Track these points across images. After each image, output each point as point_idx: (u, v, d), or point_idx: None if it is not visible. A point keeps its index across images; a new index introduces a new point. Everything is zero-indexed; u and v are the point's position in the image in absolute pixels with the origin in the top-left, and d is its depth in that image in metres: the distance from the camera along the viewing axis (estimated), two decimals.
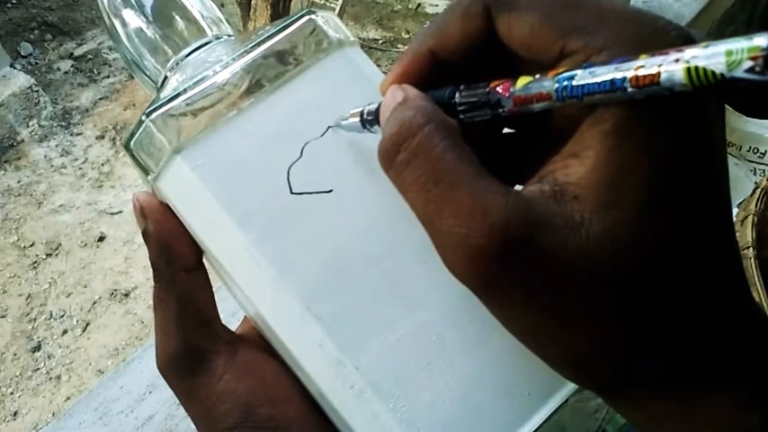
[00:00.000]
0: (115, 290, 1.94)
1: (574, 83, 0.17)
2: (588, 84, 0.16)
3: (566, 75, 0.17)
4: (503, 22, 0.19)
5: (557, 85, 0.17)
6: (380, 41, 2.67)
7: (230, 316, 0.27)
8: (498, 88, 0.19)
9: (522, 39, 0.19)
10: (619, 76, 0.16)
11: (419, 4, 2.87)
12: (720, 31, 1.03)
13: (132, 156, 0.25)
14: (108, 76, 2.63)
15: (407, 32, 2.73)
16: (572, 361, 0.19)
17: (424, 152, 0.18)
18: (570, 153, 0.18)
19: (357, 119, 0.23)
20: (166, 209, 0.25)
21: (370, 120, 0.23)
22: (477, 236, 0.17)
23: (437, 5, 2.87)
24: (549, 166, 0.19)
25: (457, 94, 0.20)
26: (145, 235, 0.25)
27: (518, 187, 0.19)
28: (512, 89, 0.18)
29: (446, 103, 0.20)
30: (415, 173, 0.18)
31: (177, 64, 0.28)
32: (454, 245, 0.18)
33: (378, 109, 0.22)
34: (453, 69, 0.21)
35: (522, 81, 0.18)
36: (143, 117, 0.24)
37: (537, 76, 0.18)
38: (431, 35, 0.21)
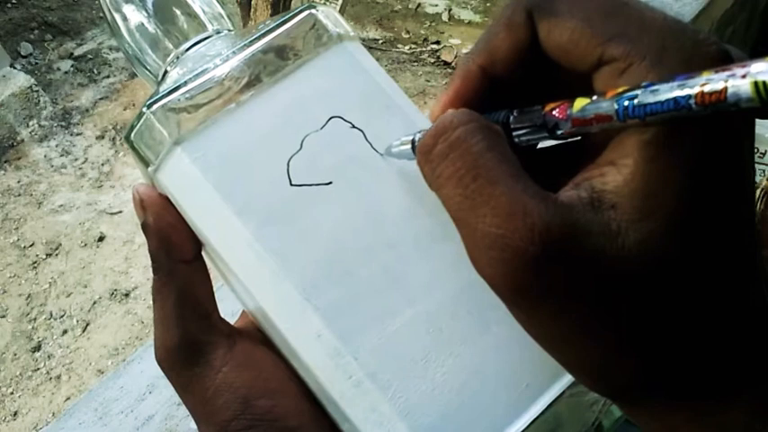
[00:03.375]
0: (115, 290, 1.94)
1: (636, 102, 0.16)
2: (651, 103, 0.16)
3: (626, 95, 0.17)
4: (543, 29, 0.19)
5: (616, 106, 0.17)
6: (380, 41, 2.67)
7: (229, 316, 0.27)
8: (555, 112, 0.18)
9: (561, 45, 0.19)
10: (683, 93, 0.15)
11: (419, 4, 2.88)
12: (720, 31, 1.03)
13: (133, 148, 0.25)
14: (108, 76, 2.63)
15: (407, 32, 2.73)
16: (593, 369, 0.19)
17: (464, 146, 0.18)
18: (607, 161, 0.18)
19: (408, 146, 0.23)
20: (166, 201, 0.25)
21: None
22: (514, 237, 0.17)
23: (437, 5, 2.87)
24: (584, 173, 0.18)
25: (510, 118, 0.20)
26: (144, 227, 0.25)
27: None
28: (569, 112, 0.18)
29: (500, 126, 0.20)
30: (453, 166, 0.18)
31: (177, 58, 0.28)
32: (488, 245, 0.17)
33: None
34: (504, 86, 0.21)
35: (580, 103, 0.18)
36: (144, 109, 0.24)
37: (594, 97, 0.17)
38: (479, 52, 0.21)
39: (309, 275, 0.24)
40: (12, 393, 1.75)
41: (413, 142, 0.23)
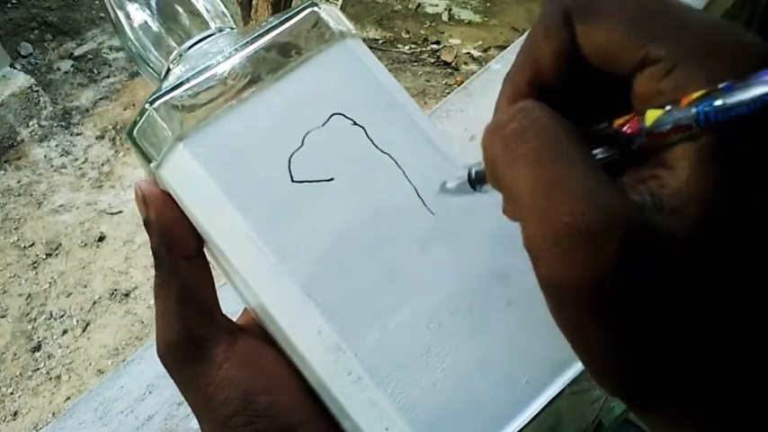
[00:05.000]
0: (115, 290, 1.94)
1: (718, 106, 0.15)
2: (735, 105, 0.15)
3: (704, 100, 0.16)
4: (581, 31, 0.19)
5: (694, 111, 0.16)
6: (380, 41, 2.67)
7: (231, 315, 0.27)
8: (626, 129, 0.17)
9: (600, 46, 0.18)
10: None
11: (419, 4, 2.88)
12: None
13: (135, 144, 0.25)
14: (108, 76, 2.63)
15: (407, 32, 2.73)
16: (624, 375, 0.17)
17: (542, 125, 0.17)
18: (660, 163, 0.17)
19: (464, 179, 0.23)
20: (168, 197, 0.25)
21: (479, 178, 0.22)
22: (590, 227, 0.15)
23: (437, 5, 2.87)
24: (636, 174, 0.18)
25: None
26: (146, 223, 0.25)
27: None
28: (642, 126, 0.17)
29: None
30: (530, 143, 0.17)
31: (180, 56, 0.28)
32: (559, 235, 0.16)
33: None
34: (551, 98, 0.20)
35: (652, 115, 0.17)
36: (146, 105, 0.24)
37: (667, 107, 0.16)
38: (523, 67, 0.20)
39: (310, 271, 0.24)
40: (12, 393, 1.75)
41: (469, 174, 0.22)
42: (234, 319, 0.27)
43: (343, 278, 0.24)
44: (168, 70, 0.28)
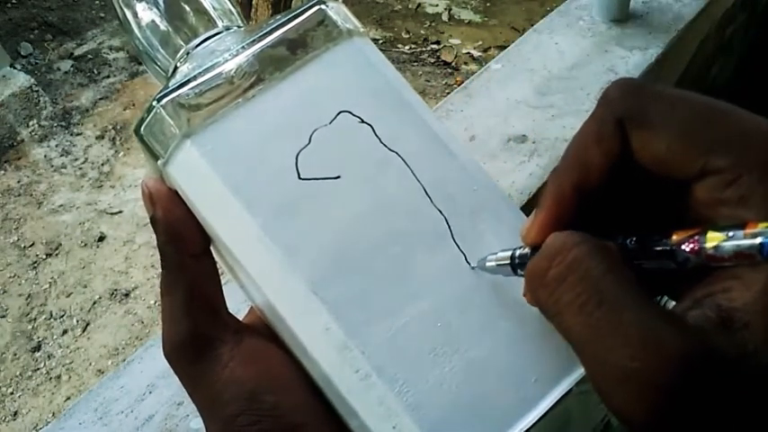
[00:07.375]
0: (115, 290, 1.94)
1: None
2: None
3: None
4: (637, 140, 0.19)
5: (758, 242, 0.15)
6: (380, 41, 2.68)
7: (234, 313, 0.27)
8: (685, 246, 0.17)
9: (658, 156, 0.18)
10: None
11: (419, 4, 2.88)
12: (720, 32, 1.03)
13: (142, 141, 0.25)
14: (108, 76, 2.63)
15: (407, 32, 2.73)
16: None
17: (582, 269, 0.17)
18: (730, 275, 0.17)
19: (506, 261, 0.23)
20: (175, 195, 0.25)
21: (522, 264, 0.22)
22: (649, 370, 0.16)
23: (437, 5, 2.87)
24: (704, 287, 0.18)
25: (628, 244, 0.19)
26: (153, 221, 0.25)
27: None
28: (702, 247, 0.17)
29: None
30: (572, 292, 0.17)
31: (187, 54, 0.28)
32: (621, 378, 0.16)
33: (530, 253, 0.22)
34: (593, 197, 0.20)
35: (714, 239, 0.17)
36: (154, 103, 0.24)
37: (730, 233, 0.16)
38: (570, 169, 0.20)
39: (318, 269, 0.24)
40: (12, 393, 1.74)
41: (512, 258, 0.22)
42: (237, 316, 0.27)
43: (351, 276, 0.24)
44: (175, 68, 0.28)
